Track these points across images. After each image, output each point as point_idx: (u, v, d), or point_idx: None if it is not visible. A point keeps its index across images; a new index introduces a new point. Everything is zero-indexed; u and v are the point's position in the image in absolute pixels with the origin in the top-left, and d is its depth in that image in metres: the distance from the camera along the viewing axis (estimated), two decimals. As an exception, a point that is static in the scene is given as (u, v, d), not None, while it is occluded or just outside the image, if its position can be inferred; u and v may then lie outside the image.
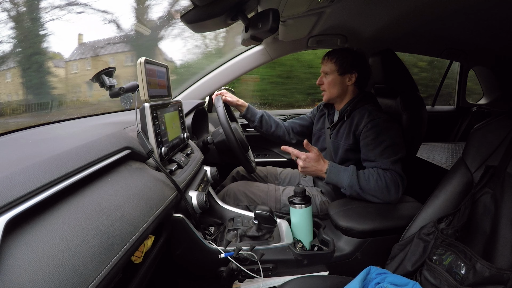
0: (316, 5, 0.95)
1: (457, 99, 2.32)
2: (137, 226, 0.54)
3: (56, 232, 0.40)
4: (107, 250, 0.44)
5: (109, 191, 0.55)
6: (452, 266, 0.65)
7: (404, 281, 0.69)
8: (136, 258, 0.63)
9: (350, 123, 1.09)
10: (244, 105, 1.35)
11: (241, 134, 1.23)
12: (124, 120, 0.88)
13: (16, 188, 0.39)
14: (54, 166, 0.47)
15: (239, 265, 0.79)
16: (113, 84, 0.86)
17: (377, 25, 1.28)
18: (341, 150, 1.11)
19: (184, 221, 0.80)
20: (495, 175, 0.72)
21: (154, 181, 0.70)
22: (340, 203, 1.03)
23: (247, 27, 0.91)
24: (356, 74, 1.12)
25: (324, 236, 0.95)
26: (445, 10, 1.00)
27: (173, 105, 0.96)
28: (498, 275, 0.58)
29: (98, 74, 0.84)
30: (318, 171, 1.00)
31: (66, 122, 1.02)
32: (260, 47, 1.59)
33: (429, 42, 1.55)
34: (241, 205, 1.13)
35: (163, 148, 0.79)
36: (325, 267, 0.91)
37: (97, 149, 0.59)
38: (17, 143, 0.64)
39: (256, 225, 0.88)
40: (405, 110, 1.15)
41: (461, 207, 0.74)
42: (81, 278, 0.38)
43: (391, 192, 0.94)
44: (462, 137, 2.19)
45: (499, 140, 0.78)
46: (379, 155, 0.98)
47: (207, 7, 0.80)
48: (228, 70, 1.61)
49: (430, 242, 0.74)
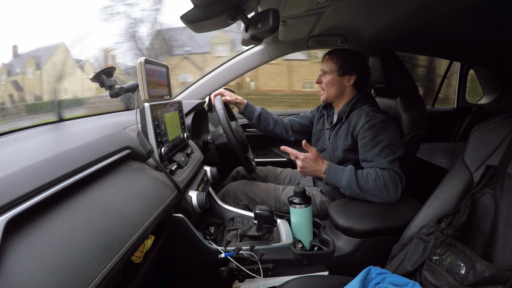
0: (316, 5, 0.95)
1: (457, 99, 2.32)
2: (137, 226, 0.54)
3: (56, 232, 0.40)
4: (107, 250, 0.44)
5: (109, 191, 0.55)
6: (452, 266, 0.65)
7: (404, 281, 0.69)
8: (136, 258, 0.63)
9: (348, 124, 1.09)
10: (243, 102, 1.35)
11: (241, 134, 1.23)
12: (124, 120, 0.88)
13: (16, 188, 0.40)
14: (54, 166, 0.47)
15: (239, 265, 0.79)
16: (113, 84, 0.86)
17: (377, 25, 1.28)
18: (339, 151, 1.12)
19: (184, 221, 0.80)
20: (495, 175, 0.72)
21: (154, 181, 0.70)
22: (340, 203, 1.03)
23: (247, 27, 0.91)
24: (355, 76, 1.12)
25: (324, 236, 0.95)
26: (445, 10, 1.00)
27: (173, 105, 0.96)
28: (498, 275, 0.58)
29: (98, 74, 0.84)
30: (316, 172, 1.00)
31: (66, 122, 1.01)
32: (260, 47, 1.59)
33: (429, 42, 1.55)
34: (241, 204, 1.13)
35: (163, 148, 0.79)
36: (325, 267, 0.91)
37: (97, 149, 0.59)
38: (17, 143, 0.64)
39: (256, 225, 0.88)
40: (405, 110, 1.15)
41: (461, 207, 0.74)
42: (81, 278, 0.38)
43: (390, 191, 0.95)
44: (462, 137, 2.19)
45: (499, 140, 0.78)
46: (377, 155, 0.98)
47: (207, 7, 0.80)
48: (228, 70, 1.61)
49: (430, 242, 0.74)
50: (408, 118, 1.14)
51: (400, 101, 1.18)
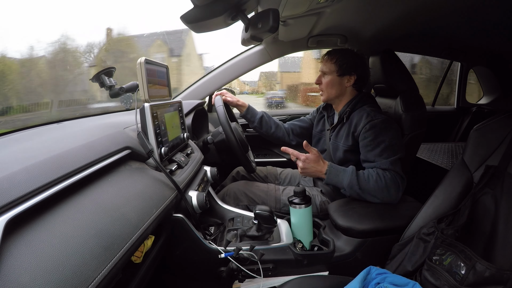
0: (316, 5, 0.95)
1: (457, 99, 2.32)
2: (137, 226, 0.54)
3: (56, 232, 0.40)
4: (107, 250, 0.44)
5: (109, 191, 0.55)
6: (452, 266, 0.65)
7: (404, 281, 0.69)
8: (136, 258, 0.63)
9: (349, 124, 1.09)
10: (244, 105, 1.35)
11: (241, 134, 1.23)
12: (124, 120, 0.88)
13: (16, 188, 0.40)
14: (54, 166, 0.47)
15: (239, 265, 0.79)
16: (113, 84, 0.86)
17: (377, 25, 1.28)
18: (340, 151, 1.11)
19: (184, 221, 0.80)
20: (495, 175, 0.72)
21: (154, 181, 0.70)
22: (340, 203, 1.03)
23: (247, 27, 0.91)
24: (355, 76, 1.12)
25: (324, 236, 0.95)
26: (445, 10, 1.00)
27: (173, 105, 0.96)
28: (498, 275, 0.58)
29: (98, 74, 0.84)
30: (317, 172, 1.00)
31: (66, 122, 1.01)
32: (260, 47, 1.59)
33: (429, 42, 1.55)
34: (241, 205, 1.13)
35: (163, 148, 0.79)
36: (325, 267, 0.91)
37: (97, 149, 0.59)
38: (17, 143, 0.64)
39: (256, 225, 0.88)
40: (405, 110, 1.15)
41: (461, 207, 0.74)
42: (81, 278, 0.38)
43: (391, 192, 0.94)
44: (462, 137, 2.19)
45: (499, 140, 0.78)
46: (378, 155, 0.98)
47: (207, 7, 0.80)
48: (228, 70, 1.61)
49: (430, 242, 0.74)
50: (408, 118, 1.14)
51: (400, 101, 1.18)
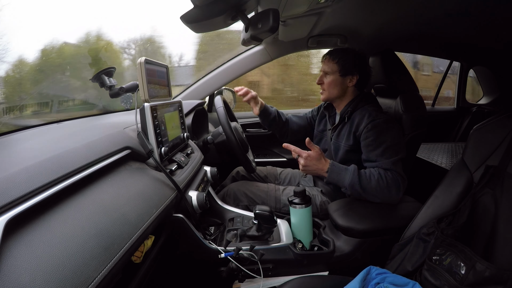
0: (316, 5, 0.95)
1: (457, 99, 2.32)
2: (137, 226, 0.54)
3: (56, 232, 0.40)
4: (107, 250, 0.44)
5: (109, 191, 0.55)
6: (452, 266, 0.65)
7: (404, 281, 0.69)
8: (136, 258, 0.63)
9: (350, 124, 1.09)
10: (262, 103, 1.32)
11: (241, 134, 1.23)
12: (124, 120, 0.88)
13: (16, 188, 0.40)
14: (54, 166, 0.47)
15: (239, 265, 0.79)
16: (113, 84, 0.86)
17: (377, 25, 1.28)
18: (341, 151, 1.11)
19: (184, 221, 0.80)
20: (495, 175, 0.72)
21: (154, 181, 0.70)
22: (340, 203, 1.03)
23: (247, 27, 0.91)
24: (357, 76, 1.12)
25: (324, 236, 0.94)
26: (445, 10, 1.00)
27: (173, 105, 0.96)
28: (498, 275, 0.58)
29: (98, 74, 0.84)
30: (319, 170, 0.99)
31: (66, 122, 1.01)
32: (260, 47, 1.59)
33: (429, 42, 1.55)
34: (241, 205, 1.13)
35: (163, 148, 0.79)
36: (325, 267, 0.91)
37: (97, 149, 0.59)
38: (17, 143, 0.64)
39: (256, 225, 0.88)
40: (405, 110, 1.15)
41: (461, 207, 0.74)
42: (81, 278, 0.38)
43: (392, 192, 0.94)
44: (462, 137, 2.19)
45: (499, 140, 0.78)
46: (380, 155, 0.98)
47: (207, 7, 0.80)
48: (228, 70, 1.61)
49: (430, 242, 0.74)
50: (408, 118, 1.14)
51: (400, 101, 1.18)
